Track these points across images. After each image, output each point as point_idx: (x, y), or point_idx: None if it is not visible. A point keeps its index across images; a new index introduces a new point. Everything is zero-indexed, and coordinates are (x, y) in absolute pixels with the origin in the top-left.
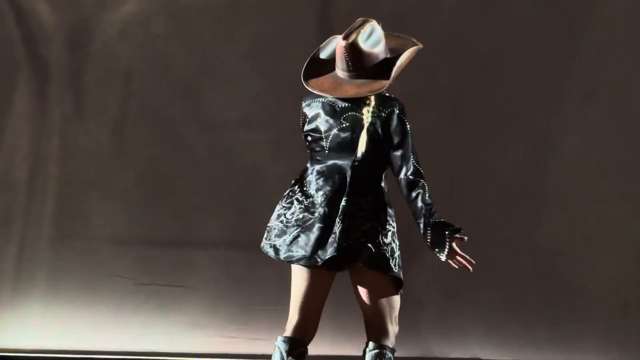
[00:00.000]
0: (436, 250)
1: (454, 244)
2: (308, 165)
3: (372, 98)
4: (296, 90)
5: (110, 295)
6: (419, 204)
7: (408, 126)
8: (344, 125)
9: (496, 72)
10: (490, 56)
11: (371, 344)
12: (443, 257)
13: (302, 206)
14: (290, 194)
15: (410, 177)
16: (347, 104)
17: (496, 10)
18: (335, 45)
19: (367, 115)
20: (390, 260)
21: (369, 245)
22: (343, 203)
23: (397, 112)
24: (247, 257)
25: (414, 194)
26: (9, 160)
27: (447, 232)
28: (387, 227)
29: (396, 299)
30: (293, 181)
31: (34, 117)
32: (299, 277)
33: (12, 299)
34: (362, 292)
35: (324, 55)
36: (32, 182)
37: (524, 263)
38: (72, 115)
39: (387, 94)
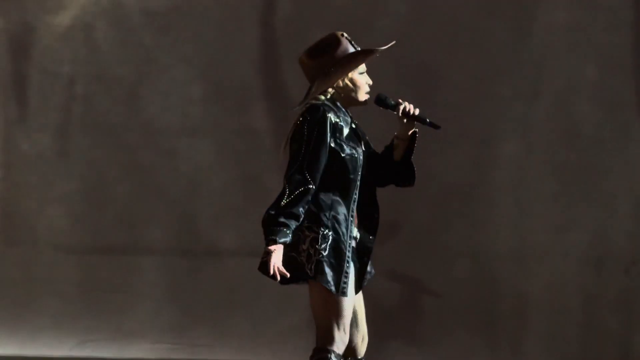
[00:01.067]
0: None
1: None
2: None
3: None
4: (238, 96)
5: (52, 301)
6: None
7: (299, 138)
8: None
9: (440, 78)
10: (434, 61)
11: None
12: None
13: None
14: None
15: None
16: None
17: (441, 17)
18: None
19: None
20: (306, 266)
21: (292, 254)
22: None
23: (299, 120)
24: (189, 263)
25: None
26: None
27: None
28: (307, 233)
29: (336, 306)
30: None
31: None
32: None
33: None
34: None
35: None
36: None
37: (464, 267)
38: (15, 119)
39: (308, 104)
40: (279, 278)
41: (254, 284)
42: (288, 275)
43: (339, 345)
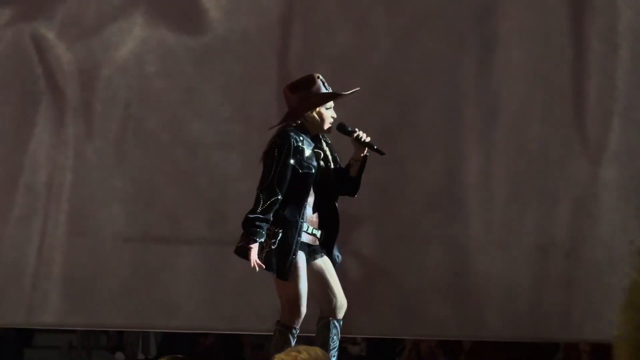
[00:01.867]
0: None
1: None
2: None
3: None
4: (261, 116)
5: (111, 281)
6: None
7: (271, 156)
8: None
9: (419, 101)
10: (414, 87)
11: None
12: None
13: None
14: None
15: None
16: None
17: (420, 52)
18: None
19: None
20: (259, 255)
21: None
22: None
23: (272, 142)
24: (220, 250)
25: None
26: (31, 168)
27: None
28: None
29: (286, 287)
30: None
31: (53, 132)
32: None
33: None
34: None
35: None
36: (49, 186)
37: (438, 253)
38: (83, 135)
39: (279, 129)
40: (257, 269)
41: None
42: (264, 266)
43: (293, 318)
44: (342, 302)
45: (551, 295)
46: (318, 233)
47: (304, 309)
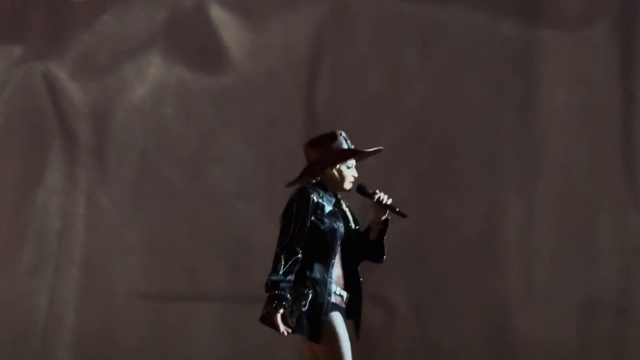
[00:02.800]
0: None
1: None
2: None
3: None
4: (285, 163)
5: (127, 342)
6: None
7: (289, 214)
8: None
9: (456, 150)
10: (451, 136)
11: None
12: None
13: None
14: None
15: None
16: None
17: (457, 95)
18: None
19: None
20: (289, 319)
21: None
22: None
23: (290, 199)
24: (242, 308)
25: None
26: (41, 215)
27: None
28: (292, 292)
29: (328, 350)
30: None
31: (65, 178)
32: None
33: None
34: None
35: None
36: (60, 235)
37: (477, 313)
38: (96, 180)
39: (301, 186)
40: (286, 334)
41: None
42: (290, 331)
43: None
44: None
45: (599, 357)
46: (345, 295)
47: None
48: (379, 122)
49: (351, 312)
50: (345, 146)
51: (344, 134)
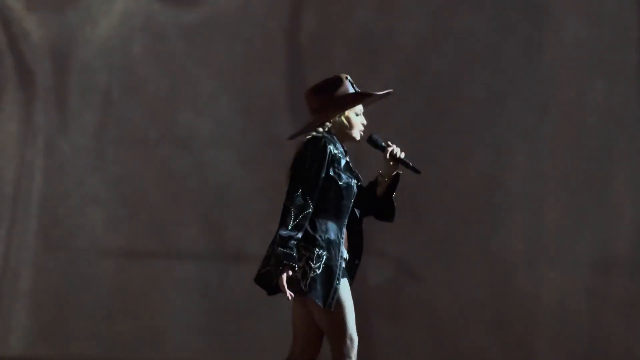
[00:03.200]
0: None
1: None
2: None
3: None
4: (265, 107)
5: (89, 303)
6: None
7: (302, 164)
8: None
9: (455, 92)
10: (450, 76)
11: None
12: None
13: None
14: None
15: None
16: None
17: (457, 33)
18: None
19: None
20: (300, 282)
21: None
22: None
23: (302, 149)
24: (217, 267)
25: None
26: None
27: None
28: (303, 252)
29: (332, 319)
30: None
31: (21, 122)
32: None
33: None
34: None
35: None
36: (16, 186)
37: (478, 270)
38: (56, 127)
39: (311, 135)
40: (290, 299)
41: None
42: (293, 295)
43: (348, 351)
44: (353, 341)
45: (612, 320)
46: (347, 257)
47: (356, 340)
48: (370, 60)
49: (349, 274)
50: (352, 91)
51: (349, 77)
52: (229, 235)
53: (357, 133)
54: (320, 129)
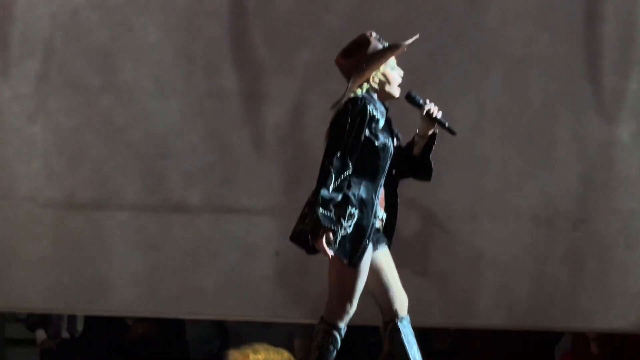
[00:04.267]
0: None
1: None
2: None
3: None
4: (208, 58)
5: (29, 254)
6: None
7: (342, 125)
8: None
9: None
10: (393, 25)
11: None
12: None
13: None
14: None
15: None
16: None
17: None
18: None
19: None
20: (330, 239)
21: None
22: None
23: (342, 109)
24: (159, 218)
25: None
26: None
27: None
28: (336, 210)
29: (343, 279)
30: None
31: None
32: None
33: None
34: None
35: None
36: None
37: (417, 227)
38: None
39: (351, 96)
40: (329, 256)
41: (220, 239)
42: (333, 254)
43: (343, 316)
44: (403, 300)
45: (555, 275)
46: (384, 217)
47: (354, 307)
48: (314, 10)
49: (387, 234)
50: (380, 47)
51: (374, 33)
52: (171, 186)
53: (395, 89)
54: (359, 91)
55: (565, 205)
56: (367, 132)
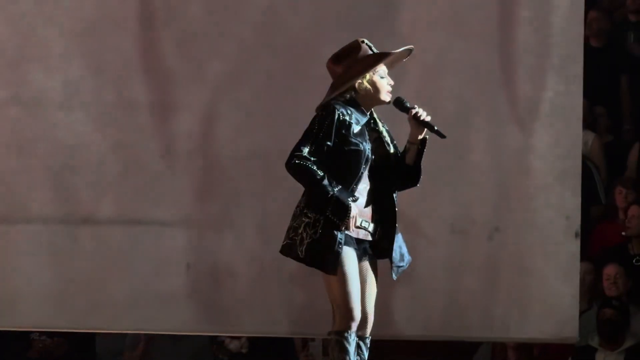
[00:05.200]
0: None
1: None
2: None
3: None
4: (117, 69)
5: None
6: None
7: (315, 124)
8: None
9: (312, 52)
10: (307, 35)
11: None
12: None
13: None
14: None
15: None
16: None
17: None
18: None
19: None
20: (297, 248)
21: (292, 235)
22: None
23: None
24: (68, 231)
25: None
26: None
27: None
28: (303, 218)
29: (333, 287)
30: None
31: None
32: None
33: None
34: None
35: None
36: None
37: None
38: None
39: (325, 102)
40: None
41: (131, 252)
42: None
43: (348, 323)
44: (370, 318)
45: (470, 285)
46: (370, 227)
47: (357, 311)
48: (225, 19)
49: (382, 247)
50: (370, 54)
51: (366, 40)
52: (81, 198)
53: (385, 95)
54: (346, 95)
55: (480, 214)
56: (336, 139)
